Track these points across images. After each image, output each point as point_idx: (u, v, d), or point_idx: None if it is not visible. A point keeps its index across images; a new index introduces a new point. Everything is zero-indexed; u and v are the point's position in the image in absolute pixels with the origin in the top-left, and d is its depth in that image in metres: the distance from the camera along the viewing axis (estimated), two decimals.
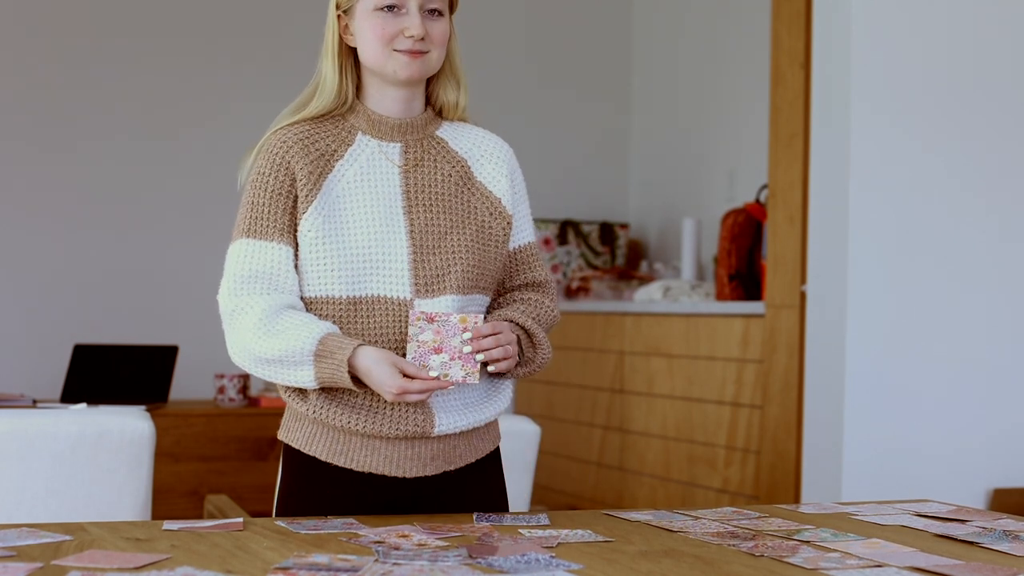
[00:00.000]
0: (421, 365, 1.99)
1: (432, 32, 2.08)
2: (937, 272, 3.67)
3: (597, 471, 5.01)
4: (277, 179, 2.08)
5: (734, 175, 5.40)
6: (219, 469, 4.15)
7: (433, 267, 2.08)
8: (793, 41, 3.96)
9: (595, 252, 5.80)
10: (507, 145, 2.23)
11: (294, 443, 2.12)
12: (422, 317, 2.00)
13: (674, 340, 4.60)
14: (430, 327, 2.00)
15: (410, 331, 2.00)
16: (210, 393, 4.66)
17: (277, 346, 2.01)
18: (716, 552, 1.78)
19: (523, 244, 2.21)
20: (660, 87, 5.99)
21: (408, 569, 1.58)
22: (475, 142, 2.20)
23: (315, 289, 2.08)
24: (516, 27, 5.92)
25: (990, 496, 3.70)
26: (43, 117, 5.25)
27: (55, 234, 5.26)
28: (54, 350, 4.94)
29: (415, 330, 2.00)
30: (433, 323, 2.00)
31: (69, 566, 1.57)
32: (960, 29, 3.69)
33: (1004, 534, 1.96)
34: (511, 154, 2.22)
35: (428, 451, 2.08)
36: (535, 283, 2.23)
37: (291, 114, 2.16)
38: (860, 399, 3.60)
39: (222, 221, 5.55)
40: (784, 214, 3.96)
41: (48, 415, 2.61)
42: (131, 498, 2.62)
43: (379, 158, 2.12)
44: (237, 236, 2.10)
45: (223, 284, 2.10)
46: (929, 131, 3.67)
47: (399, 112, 2.14)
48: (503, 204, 2.16)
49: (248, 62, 5.50)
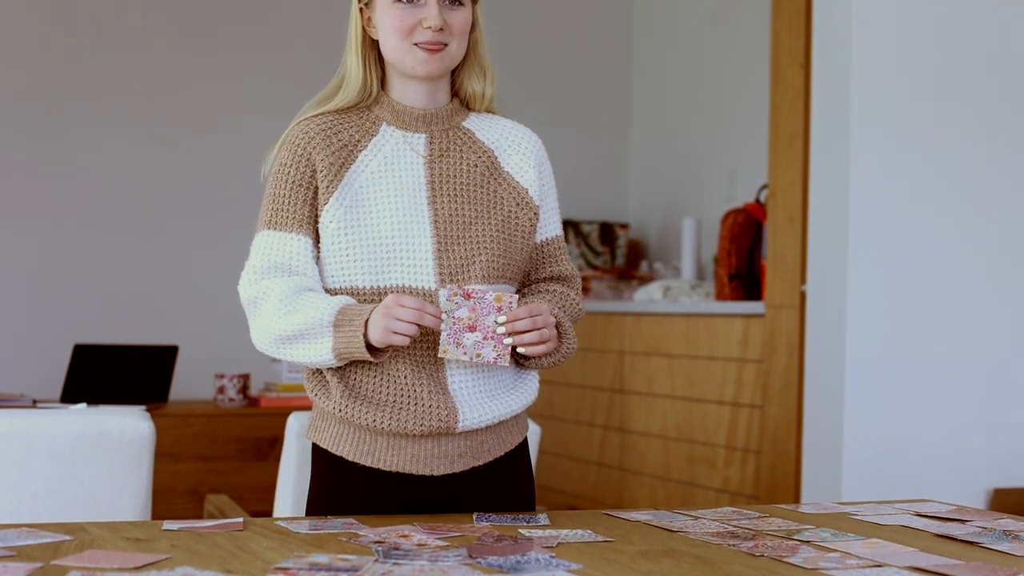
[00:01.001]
0: (456, 343, 1.96)
1: (451, 22, 2.06)
2: (937, 272, 3.68)
3: (597, 471, 5.01)
4: (298, 170, 2.07)
5: (734, 175, 5.40)
6: (219, 469, 4.15)
7: (457, 257, 2.06)
8: (793, 41, 3.96)
9: (595, 252, 5.80)
10: (536, 136, 2.21)
11: (322, 443, 2.11)
12: (459, 293, 1.96)
13: (674, 340, 4.60)
14: (466, 304, 1.97)
15: (445, 307, 1.96)
16: (210, 393, 4.66)
17: (297, 320, 2.00)
18: (716, 552, 1.78)
19: (550, 237, 2.19)
20: (660, 87, 5.99)
21: (408, 569, 1.58)
22: (503, 132, 2.18)
23: (339, 280, 2.06)
24: (516, 27, 5.92)
25: (990, 496, 3.70)
26: (43, 118, 5.25)
27: (55, 234, 5.26)
28: (54, 350, 4.94)
29: (451, 306, 1.96)
30: (470, 300, 1.97)
31: (69, 566, 1.57)
32: (960, 29, 3.69)
33: (1004, 534, 1.96)
34: (540, 145, 2.20)
35: (455, 448, 2.06)
36: (561, 276, 2.21)
37: (316, 106, 2.14)
38: (860, 399, 3.59)
39: (222, 221, 5.59)
40: (784, 214, 3.96)
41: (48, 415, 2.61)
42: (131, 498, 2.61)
43: (403, 148, 2.11)
44: (260, 228, 2.10)
45: (244, 274, 2.09)
46: (929, 131, 3.67)
47: (424, 103, 2.13)
48: (530, 195, 2.14)
49: (249, 65, 5.50)
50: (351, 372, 2.06)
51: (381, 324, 1.95)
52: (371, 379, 2.05)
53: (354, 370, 2.06)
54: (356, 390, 2.05)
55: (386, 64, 2.13)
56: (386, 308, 1.95)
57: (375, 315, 1.96)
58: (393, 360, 2.04)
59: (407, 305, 1.95)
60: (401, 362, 2.04)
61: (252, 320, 2.08)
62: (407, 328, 1.95)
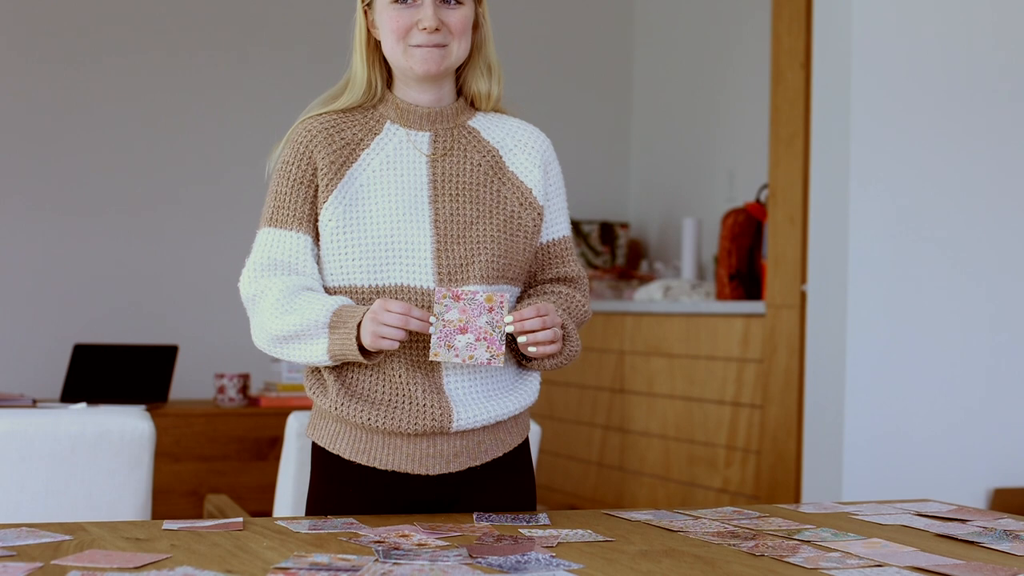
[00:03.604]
0: (446, 346, 1.95)
1: (449, 21, 2.05)
2: (937, 272, 3.67)
3: (597, 471, 5.01)
4: (299, 168, 2.07)
5: (734, 175, 5.40)
6: (219, 469, 4.15)
7: (457, 256, 2.05)
8: (793, 41, 3.96)
9: (595, 252, 5.80)
10: (545, 137, 2.19)
11: (320, 441, 2.11)
12: (448, 295, 1.95)
13: (674, 340, 4.60)
14: (456, 305, 1.95)
15: (435, 309, 1.95)
16: (210, 393, 4.66)
17: (293, 321, 2.00)
18: (716, 552, 1.77)
19: (556, 238, 2.18)
20: (660, 87, 5.99)
21: (408, 569, 1.58)
22: (509, 132, 2.16)
23: (338, 278, 2.06)
24: (516, 27, 5.92)
25: (990, 496, 3.70)
26: (43, 118, 5.25)
27: (55, 234, 5.26)
28: (54, 350, 4.94)
29: (440, 308, 1.95)
30: (459, 301, 1.95)
31: (69, 566, 1.57)
32: (959, 29, 3.69)
33: (1005, 534, 1.96)
34: (548, 146, 2.19)
35: (450, 448, 2.06)
36: (567, 278, 2.19)
37: (322, 104, 2.14)
38: (860, 399, 3.59)
39: (222, 222, 5.59)
40: (784, 214, 3.96)
41: (48, 415, 2.61)
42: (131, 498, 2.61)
43: (407, 147, 2.10)
44: (261, 225, 2.10)
45: (244, 271, 2.09)
46: (929, 131, 3.67)
47: (429, 102, 2.12)
48: (534, 195, 2.13)
49: (249, 66, 5.50)
50: (348, 371, 2.06)
51: (370, 329, 1.95)
52: (367, 378, 2.05)
53: (351, 369, 2.06)
54: (352, 389, 2.05)
55: (391, 63, 2.13)
56: (374, 314, 1.95)
57: (365, 320, 1.96)
58: (389, 360, 2.04)
59: (393, 310, 1.94)
60: (397, 362, 2.04)
61: (251, 318, 2.08)
62: (394, 333, 1.94)
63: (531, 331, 1.99)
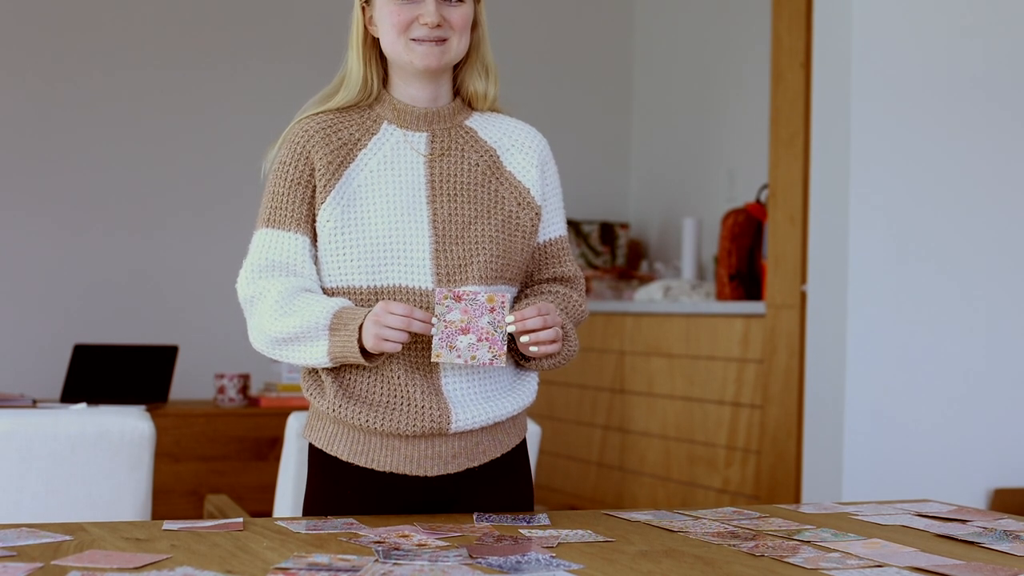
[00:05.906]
0: (448, 346, 1.94)
1: (450, 17, 2.05)
2: (937, 272, 3.67)
3: (597, 471, 5.01)
4: (296, 169, 2.07)
5: (734, 175, 5.40)
6: (219, 469, 4.15)
7: (455, 257, 2.05)
8: (793, 41, 3.96)
9: (595, 252, 5.80)
10: (541, 136, 2.19)
11: (317, 442, 2.11)
12: (449, 296, 1.94)
13: (674, 340, 4.60)
14: (458, 306, 1.95)
15: (436, 310, 1.95)
16: (210, 393, 4.66)
17: (293, 323, 2.00)
18: (716, 552, 1.77)
19: (553, 238, 2.18)
20: (660, 87, 5.99)
21: (408, 569, 1.58)
22: (506, 132, 2.16)
23: (336, 279, 2.06)
24: (516, 27, 5.92)
25: (990, 496, 3.70)
26: (43, 117, 5.25)
27: (55, 235, 5.26)
28: (54, 350, 4.94)
29: (442, 309, 1.94)
30: (461, 302, 1.95)
31: (69, 566, 1.57)
32: (960, 28, 3.68)
33: (1005, 534, 1.96)
34: (545, 145, 2.18)
35: (448, 449, 2.05)
36: (564, 278, 2.19)
37: (317, 104, 2.13)
38: (860, 399, 3.59)
39: (222, 221, 5.59)
40: (784, 214, 3.96)
41: (48, 415, 2.61)
42: (131, 498, 2.61)
43: (404, 147, 2.10)
44: (258, 226, 2.09)
45: (242, 272, 2.08)
46: (929, 131, 3.66)
47: (425, 102, 2.12)
48: (532, 195, 2.13)
49: (247, 65, 5.50)
50: (346, 372, 2.06)
51: (372, 332, 1.95)
52: (365, 380, 2.05)
53: (349, 371, 2.06)
54: (350, 390, 2.05)
55: (388, 63, 2.12)
56: (375, 316, 1.95)
57: (367, 322, 1.95)
58: (388, 361, 2.04)
59: (395, 312, 1.94)
60: (395, 363, 2.03)
61: (249, 319, 2.08)
62: (396, 335, 1.94)
63: (533, 330, 1.98)
